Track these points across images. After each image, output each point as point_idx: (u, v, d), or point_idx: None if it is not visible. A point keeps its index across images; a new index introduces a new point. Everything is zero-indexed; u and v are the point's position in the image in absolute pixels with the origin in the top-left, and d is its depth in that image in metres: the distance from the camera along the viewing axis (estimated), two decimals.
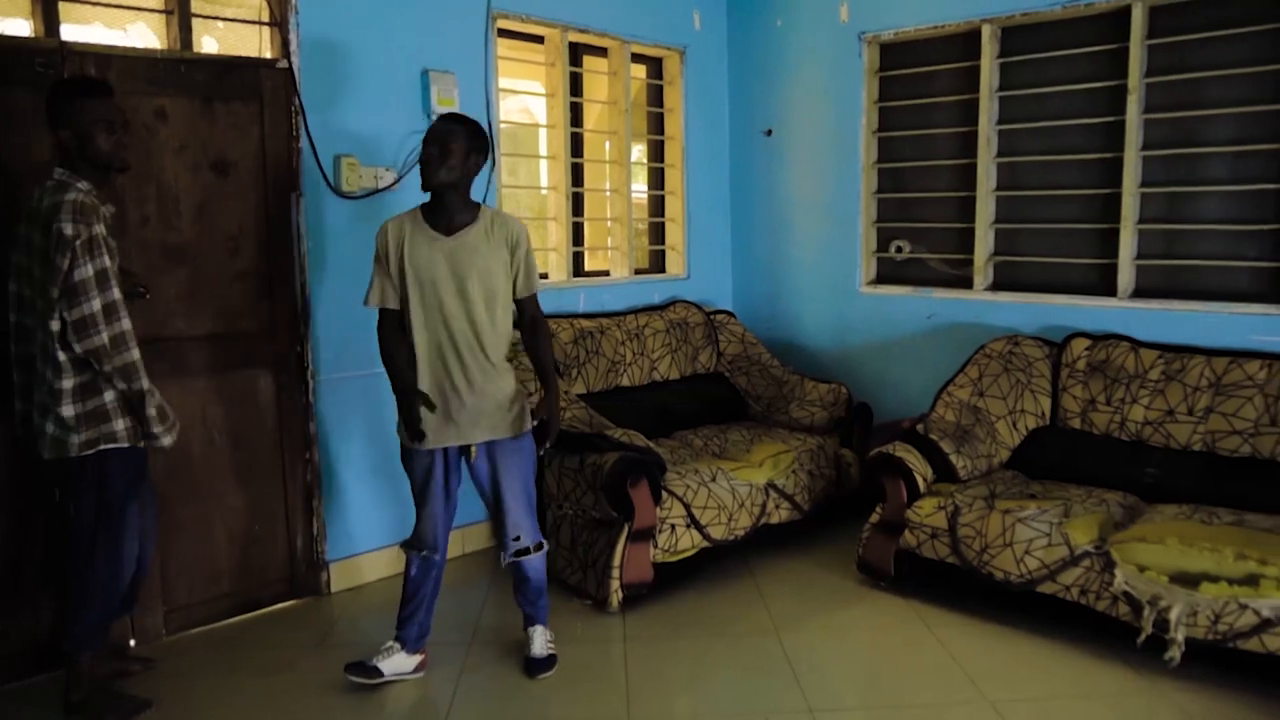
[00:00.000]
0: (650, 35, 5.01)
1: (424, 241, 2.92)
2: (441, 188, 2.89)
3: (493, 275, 2.95)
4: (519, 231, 3.01)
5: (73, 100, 2.68)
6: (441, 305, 2.91)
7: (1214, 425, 3.72)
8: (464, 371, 2.95)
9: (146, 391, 2.76)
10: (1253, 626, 2.91)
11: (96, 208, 2.66)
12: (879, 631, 3.53)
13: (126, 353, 2.70)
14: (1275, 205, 3.88)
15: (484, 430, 3.00)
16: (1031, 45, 4.45)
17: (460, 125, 2.91)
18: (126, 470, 2.82)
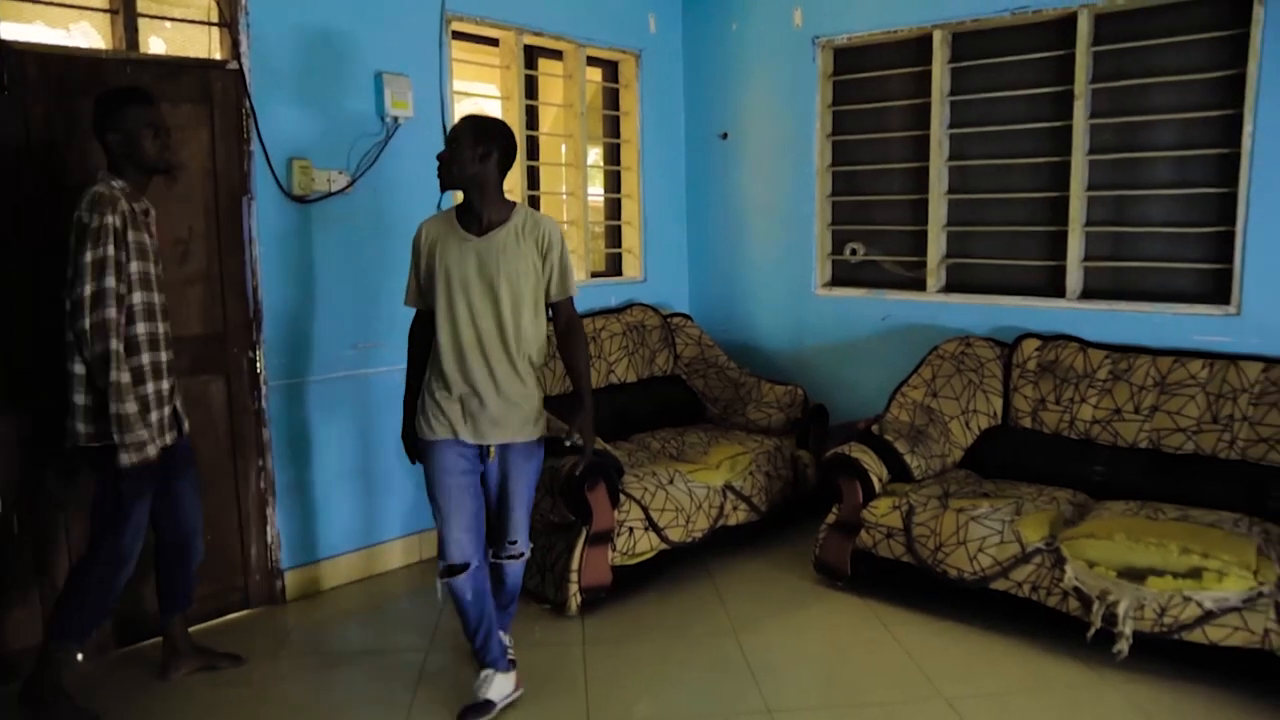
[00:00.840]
0: (605, 38, 5.01)
1: (455, 242, 2.87)
2: (458, 186, 2.86)
3: (521, 277, 2.87)
4: (552, 232, 2.92)
5: (120, 107, 2.78)
6: (470, 306, 2.85)
7: (1159, 423, 3.80)
8: (489, 373, 2.87)
9: (114, 386, 2.67)
10: (1196, 618, 2.98)
11: (115, 200, 2.71)
12: (836, 631, 3.56)
13: (102, 342, 2.67)
14: (1216, 208, 3.98)
15: (502, 433, 2.92)
16: (982, 51, 4.52)
17: (468, 123, 2.86)
18: (142, 472, 2.79)
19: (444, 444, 2.89)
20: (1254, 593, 2.92)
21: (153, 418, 2.83)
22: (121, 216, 2.72)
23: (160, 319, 2.88)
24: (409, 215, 4.11)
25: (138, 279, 2.78)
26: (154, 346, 2.85)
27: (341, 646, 3.41)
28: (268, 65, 3.60)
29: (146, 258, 2.81)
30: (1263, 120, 3.76)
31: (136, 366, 2.79)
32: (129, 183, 2.82)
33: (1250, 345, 3.83)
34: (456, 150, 2.82)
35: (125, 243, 2.73)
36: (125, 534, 2.84)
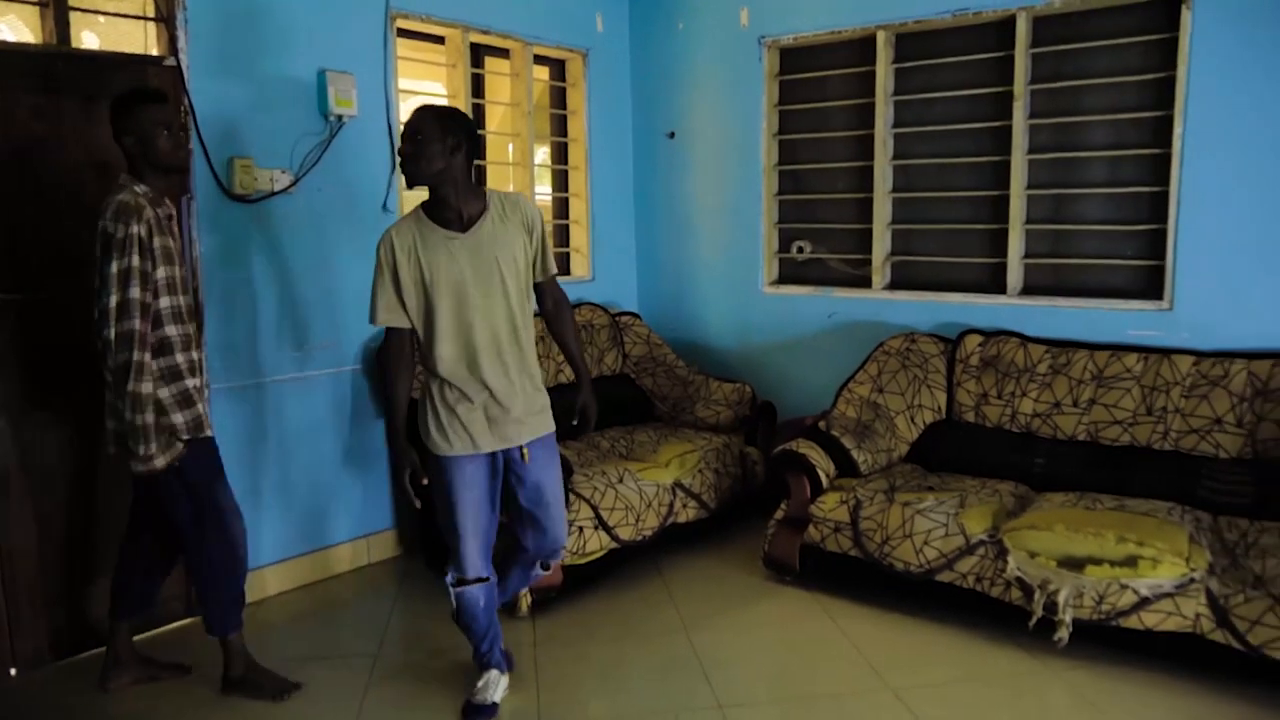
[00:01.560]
0: (552, 37, 5.00)
1: (439, 243, 2.71)
2: (427, 182, 2.70)
3: (518, 263, 2.77)
4: (532, 209, 2.83)
5: (133, 108, 2.77)
6: (474, 306, 2.71)
7: (1097, 416, 3.90)
8: (505, 372, 2.77)
9: (133, 396, 2.69)
10: (1132, 605, 3.06)
11: (140, 209, 2.71)
12: (786, 625, 3.60)
13: (125, 353, 2.68)
14: (1149, 207, 4.09)
15: (529, 430, 2.84)
16: (924, 52, 4.59)
17: (430, 114, 2.70)
18: (200, 458, 2.88)
19: (463, 459, 2.78)
20: (1186, 579, 3.01)
21: (200, 409, 2.88)
22: (147, 225, 2.72)
23: (188, 320, 2.89)
24: (354, 215, 4.08)
25: (164, 284, 2.78)
26: (187, 346, 2.87)
27: (288, 653, 3.35)
28: (207, 62, 3.53)
29: (172, 262, 2.82)
30: (1192, 121, 3.87)
31: (173, 366, 2.82)
32: (151, 186, 2.81)
33: (1181, 339, 3.94)
34: (422, 145, 2.66)
35: (151, 250, 2.73)
36: (225, 522, 2.94)
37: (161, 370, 2.79)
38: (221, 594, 3.00)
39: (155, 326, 2.78)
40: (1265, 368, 3.67)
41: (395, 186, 4.22)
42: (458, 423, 2.76)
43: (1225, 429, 3.66)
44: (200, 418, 2.88)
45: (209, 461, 2.95)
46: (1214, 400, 3.70)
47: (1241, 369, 3.70)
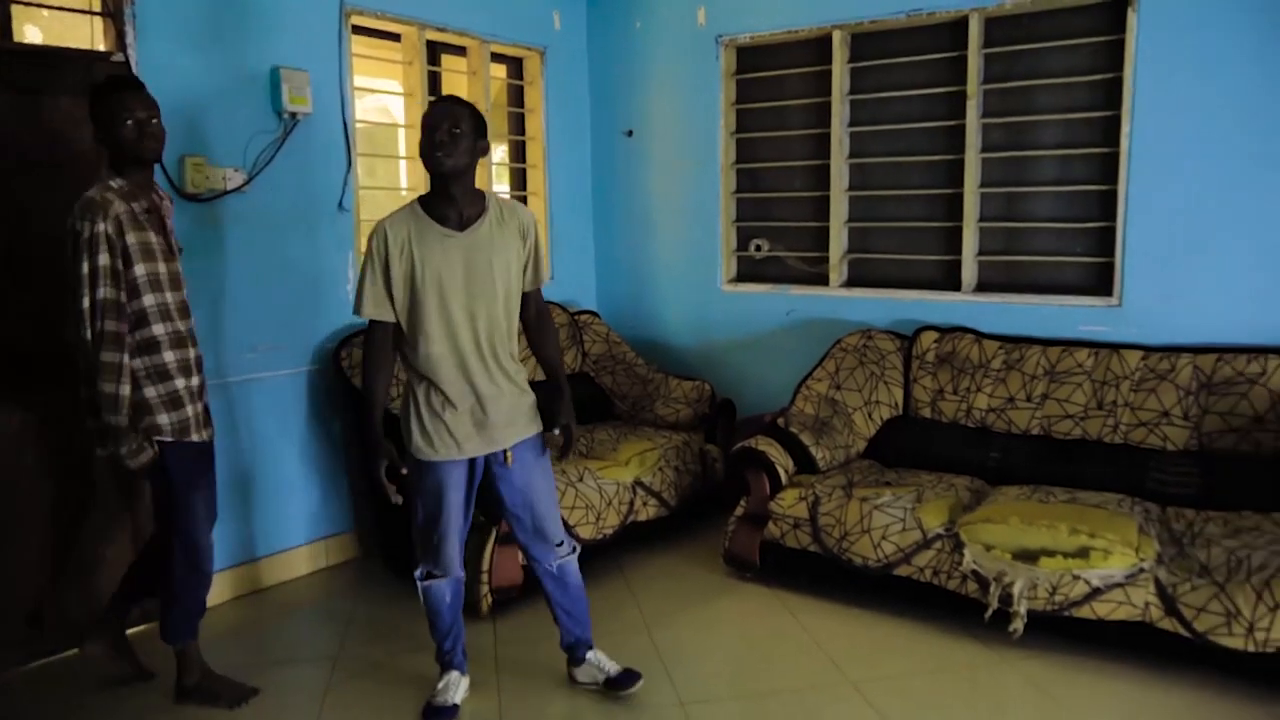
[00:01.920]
0: (510, 35, 4.98)
1: (435, 240, 2.66)
2: (454, 173, 2.62)
3: (510, 269, 2.74)
4: (528, 218, 2.82)
5: (97, 100, 2.70)
6: (464, 308, 2.68)
7: (1049, 410, 3.97)
8: (490, 376, 2.75)
9: (105, 397, 2.65)
10: (1085, 595, 3.12)
11: (107, 204, 2.63)
12: (746, 622, 3.62)
13: (103, 353, 2.64)
14: (1099, 205, 4.17)
15: (515, 432, 2.82)
16: (879, 51, 4.64)
17: (466, 106, 2.67)
18: (183, 462, 2.83)
19: (447, 464, 2.76)
20: (1136, 569, 3.07)
21: (188, 412, 2.83)
22: (115, 221, 2.63)
23: (179, 317, 2.83)
24: (309, 214, 4.03)
25: (145, 282, 2.71)
26: (178, 344, 2.81)
27: (243, 661, 3.30)
28: (156, 58, 3.46)
29: (154, 258, 2.74)
30: (1138, 121, 3.95)
31: (160, 366, 2.77)
32: (130, 180, 2.73)
33: (1130, 335, 4.02)
34: (460, 138, 2.60)
35: (124, 247, 2.66)
36: (195, 530, 2.88)
37: (148, 370, 2.75)
38: (180, 604, 2.95)
39: (140, 326, 2.72)
40: (1209, 362, 3.76)
41: (351, 185, 4.18)
42: (443, 428, 2.73)
43: (1172, 422, 3.75)
44: (188, 421, 2.82)
45: (192, 467, 2.86)
46: (1161, 394, 3.79)
47: (1187, 363, 3.79)
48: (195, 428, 2.86)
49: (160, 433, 2.78)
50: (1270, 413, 3.61)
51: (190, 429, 2.83)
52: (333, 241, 4.15)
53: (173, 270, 2.82)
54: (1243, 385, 3.67)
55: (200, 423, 2.89)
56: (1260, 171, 3.75)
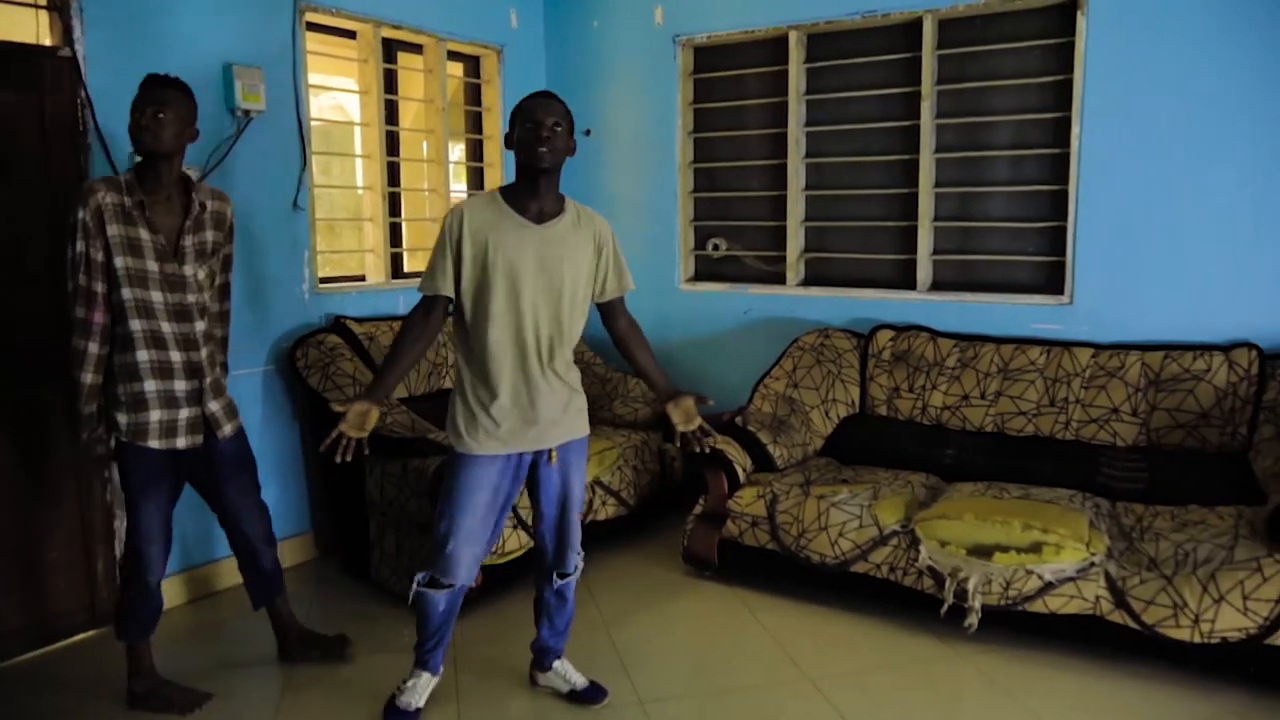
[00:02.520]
0: (466, 33, 4.95)
1: (512, 229, 2.63)
2: (551, 169, 2.63)
3: (580, 272, 2.72)
4: (604, 227, 2.80)
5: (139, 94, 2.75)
6: (530, 299, 2.64)
7: (1003, 407, 4.03)
8: (543, 372, 2.70)
9: (79, 385, 2.69)
10: (1038, 589, 3.17)
11: (92, 193, 2.67)
12: (705, 620, 3.63)
13: (73, 339, 2.69)
14: (1050, 204, 4.24)
15: (563, 431, 2.77)
16: (835, 52, 4.68)
17: (564, 103, 2.70)
18: (133, 465, 2.80)
19: (484, 459, 2.69)
20: (1087, 563, 3.13)
21: (151, 416, 2.76)
22: (95, 211, 2.65)
23: (166, 318, 2.77)
24: (264, 212, 3.98)
25: (124, 276, 2.69)
26: (156, 345, 2.76)
27: (200, 665, 3.25)
28: (105, 53, 3.39)
29: (140, 254, 2.72)
30: (1088, 122, 4.02)
31: (129, 364, 2.74)
32: (140, 174, 2.76)
33: (1081, 333, 4.10)
34: (562, 135, 2.62)
35: (102, 237, 2.66)
36: (136, 533, 2.84)
37: (119, 367, 2.74)
38: (124, 597, 2.93)
39: (117, 320, 2.72)
40: (1157, 359, 3.84)
41: (307, 184, 4.13)
42: (490, 421, 2.68)
43: (1122, 418, 3.82)
44: (147, 425, 2.75)
45: (145, 473, 2.80)
46: (1111, 391, 3.86)
47: (1136, 360, 3.86)
48: (158, 434, 2.77)
49: (118, 430, 2.75)
50: (1215, 409, 3.69)
51: (149, 434, 2.76)
52: (288, 241, 4.09)
53: (167, 270, 2.77)
54: (1189, 382, 3.75)
55: (171, 429, 2.80)
56: (1205, 173, 3.84)
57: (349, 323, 4.21)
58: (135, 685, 2.98)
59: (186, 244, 2.82)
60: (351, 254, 4.78)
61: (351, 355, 4.03)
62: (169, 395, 2.79)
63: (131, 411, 2.75)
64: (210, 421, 2.91)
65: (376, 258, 4.63)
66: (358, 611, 3.65)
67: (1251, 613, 2.87)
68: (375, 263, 4.63)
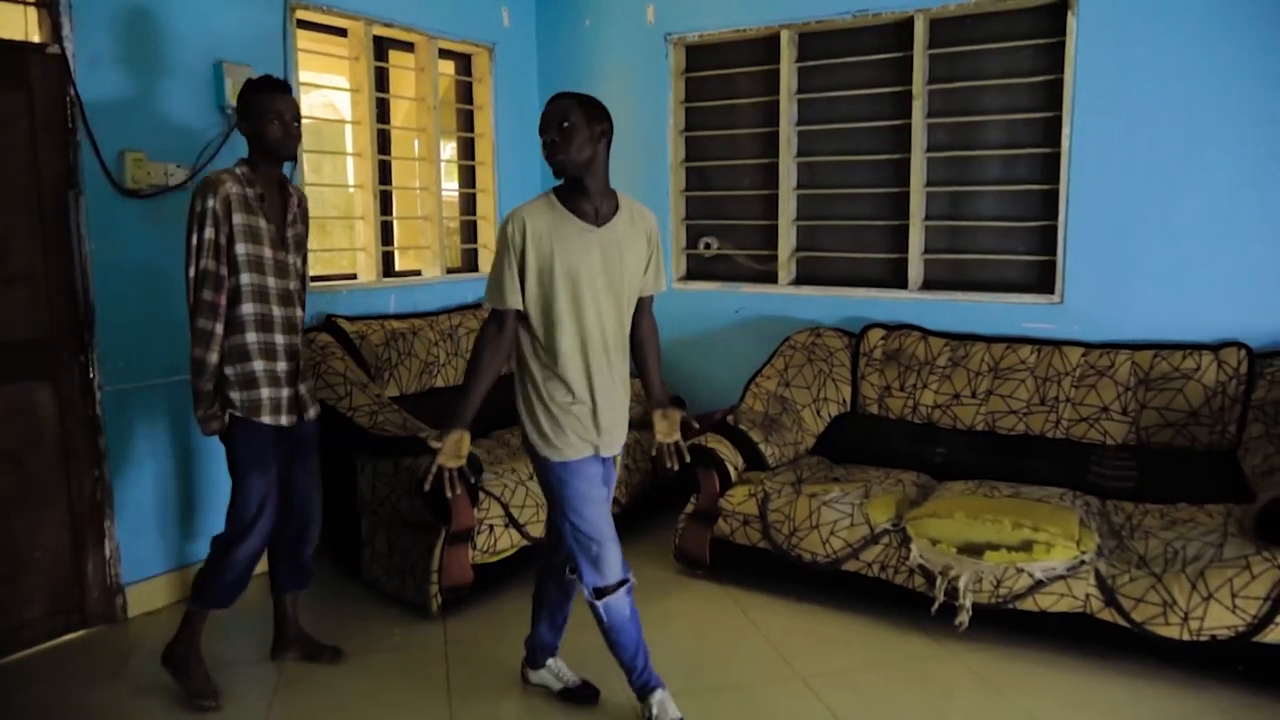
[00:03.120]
0: (458, 31, 4.95)
1: (575, 233, 2.58)
2: (578, 168, 2.57)
3: (637, 271, 2.68)
4: (655, 224, 2.76)
5: (250, 96, 2.91)
6: (594, 302, 2.60)
7: (994, 406, 4.04)
8: (611, 374, 2.67)
9: (194, 361, 2.85)
10: (1028, 588, 3.18)
11: (220, 184, 2.83)
12: (697, 618, 3.63)
13: (198, 320, 2.84)
14: (1041, 204, 4.25)
15: (619, 437, 2.77)
16: (827, 51, 4.68)
17: (572, 99, 2.62)
18: (245, 439, 2.94)
19: (583, 462, 2.67)
20: (1077, 561, 3.14)
21: (262, 394, 2.92)
22: (224, 200, 2.82)
23: (276, 302, 2.95)
24: None
25: (245, 261, 2.87)
26: (264, 327, 2.93)
27: None
28: (94, 50, 3.39)
29: (259, 241, 2.90)
30: (1078, 122, 4.04)
31: (240, 346, 2.90)
32: (255, 168, 2.93)
33: (1072, 332, 4.11)
34: (571, 133, 2.54)
35: (229, 225, 2.83)
36: (243, 504, 2.95)
37: (229, 348, 2.89)
38: (211, 565, 3.00)
39: (232, 303, 2.88)
40: (1147, 358, 3.85)
41: (297, 182, 4.11)
42: (576, 423, 2.65)
43: (1112, 417, 3.84)
44: (259, 402, 2.92)
45: (256, 447, 2.95)
46: (1101, 390, 3.88)
47: (1126, 359, 3.88)
48: (268, 410, 2.94)
49: (232, 407, 2.92)
50: (1204, 407, 3.71)
51: (261, 410, 2.93)
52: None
53: (279, 258, 2.96)
54: (1179, 381, 3.77)
55: (278, 406, 2.96)
56: (1194, 172, 3.85)
57: (340, 321, 4.20)
58: (177, 646, 3.03)
59: (289, 235, 3.01)
60: (343, 252, 4.78)
61: (343, 354, 4.02)
62: (273, 375, 2.95)
63: (244, 389, 2.91)
64: (300, 402, 3.06)
65: (368, 256, 4.62)
66: (349, 611, 3.64)
67: (1240, 610, 2.89)
68: (366, 261, 4.63)
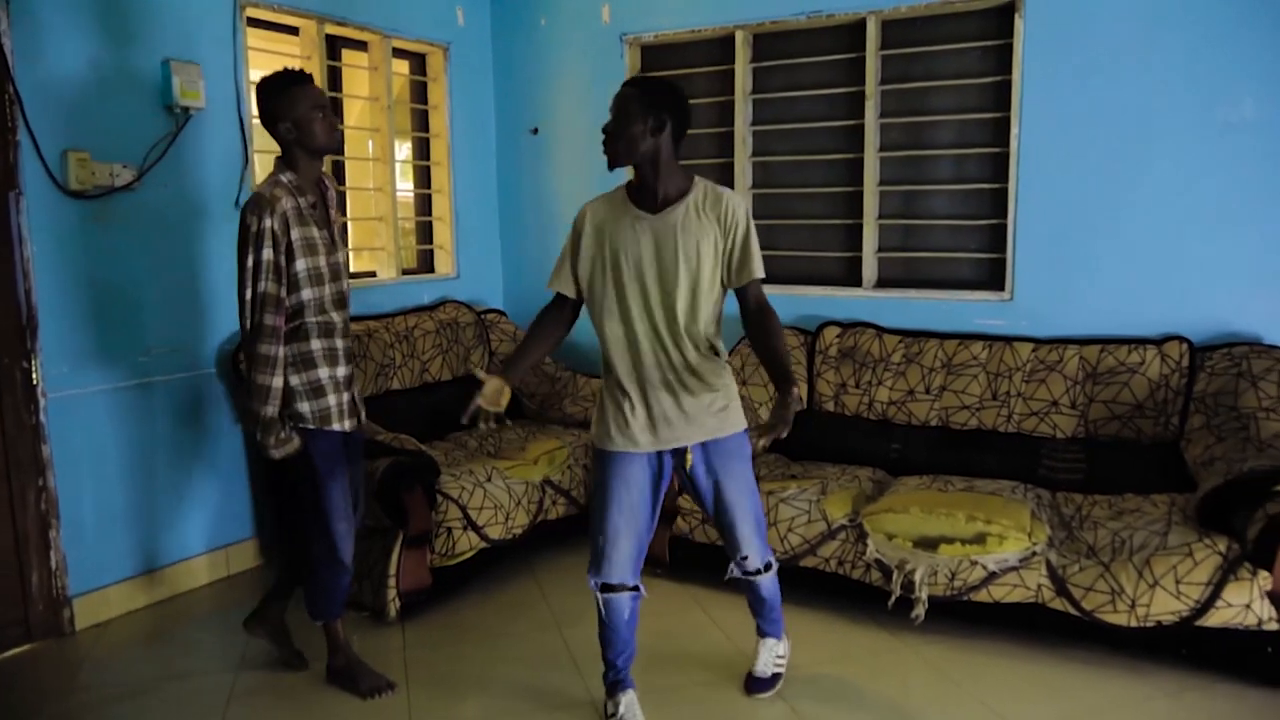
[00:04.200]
0: (412, 30, 4.91)
1: (628, 221, 2.60)
2: (630, 162, 2.58)
3: (701, 257, 2.58)
4: (737, 207, 2.62)
5: (288, 91, 2.78)
6: (641, 292, 2.58)
7: (947, 402, 4.10)
8: (662, 368, 2.62)
9: (256, 387, 2.78)
10: (982, 580, 3.24)
11: (275, 201, 2.75)
12: (657, 617, 3.63)
13: (260, 345, 2.76)
14: (990, 203, 4.32)
15: (695, 430, 2.65)
16: (781, 51, 4.72)
17: (635, 91, 2.59)
18: (322, 450, 2.91)
19: (621, 456, 2.65)
20: (1029, 552, 3.20)
21: (330, 401, 2.90)
22: (281, 218, 2.75)
23: (333, 307, 2.92)
24: (205, 211, 3.91)
25: (305, 277, 2.82)
26: (326, 334, 2.90)
27: (139, 676, 3.19)
28: (34, 46, 3.31)
29: (315, 253, 2.85)
30: (1026, 122, 4.11)
31: (306, 353, 2.86)
32: (300, 173, 2.85)
33: (1022, 328, 4.18)
34: (625, 124, 2.54)
35: (288, 243, 2.77)
36: (332, 517, 2.94)
37: (294, 357, 2.85)
38: (319, 581, 3.02)
39: (293, 317, 2.83)
40: (1094, 353, 3.93)
41: (249, 183, 4.06)
42: (622, 418, 2.65)
43: (1061, 411, 3.91)
44: (329, 409, 2.90)
45: (332, 455, 2.93)
46: (1051, 384, 3.95)
47: (1074, 354, 3.96)
48: (337, 417, 2.93)
49: (303, 420, 2.87)
50: (1149, 400, 3.79)
51: (331, 417, 2.91)
52: (231, 240, 3.97)
53: (332, 263, 2.92)
54: (1124, 375, 3.85)
55: (342, 412, 2.95)
56: (1138, 171, 3.94)
57: None
58: (334, 660, 3.10)
59: (335, 233, 2.98)
60: None
61: None
62: (336, 380, 2.94)
63: (313, 399, 2.88)
64: (356, 407, 3.06)
65: None
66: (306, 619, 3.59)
67: (1184, 596, 2.96)
68: None
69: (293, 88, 2.78)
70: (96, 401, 3.56)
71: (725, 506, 2.76)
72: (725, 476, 2.72)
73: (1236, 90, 3.76)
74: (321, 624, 3.09)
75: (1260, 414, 3.46)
